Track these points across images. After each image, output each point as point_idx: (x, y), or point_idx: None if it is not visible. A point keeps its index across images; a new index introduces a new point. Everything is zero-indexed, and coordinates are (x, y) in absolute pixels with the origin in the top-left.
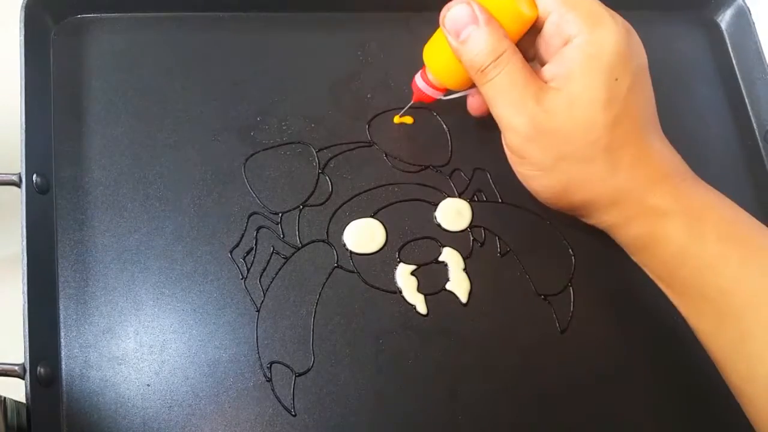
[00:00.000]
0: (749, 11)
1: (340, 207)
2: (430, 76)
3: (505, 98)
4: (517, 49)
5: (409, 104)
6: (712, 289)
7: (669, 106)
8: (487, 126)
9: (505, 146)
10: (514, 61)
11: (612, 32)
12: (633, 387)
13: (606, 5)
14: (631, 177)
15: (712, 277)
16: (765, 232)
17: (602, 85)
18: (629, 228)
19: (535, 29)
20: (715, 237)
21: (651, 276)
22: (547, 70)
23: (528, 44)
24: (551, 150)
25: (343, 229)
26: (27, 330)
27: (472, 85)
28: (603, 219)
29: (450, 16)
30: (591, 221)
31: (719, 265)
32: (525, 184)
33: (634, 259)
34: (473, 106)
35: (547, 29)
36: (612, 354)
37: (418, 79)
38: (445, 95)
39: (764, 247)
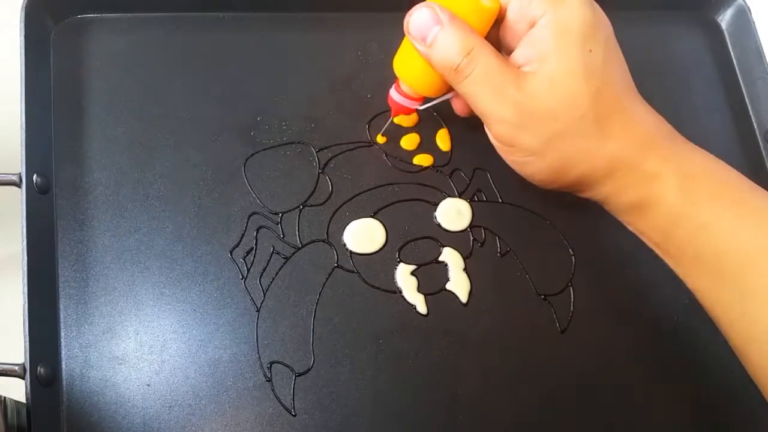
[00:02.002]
0: (749, 11)
1: (340, 207)
2: (405, 88)
3: (486, 91)
4: (486, 41)
5: (389, 120)
6: (708, 250)
7: (669, 106)
8: None
9: (492, 139)
10: (486, 53)
11: (576, 6)
12: (633, 387)
13: (606, 5)
14: (623, 145)
15: (707, 238)
16: (758, 192)
17: (578, 59)
18: (625, 195)
19: (498, 19)
20: (708, 197)
21: (647, 243)
22: (518, 56)
23: (493, 36)
24: (541, 132)
25: (343, 229)
26: (27, 330)
27: (449, 90)
28: (600, 191)
29: (413, 22)
30: (587, 195)
31: (713, 226)
32: (519, 171)
33: (630, 227)
34: (459, 107)
35: (511, 16)
36: (612, 354)
37: (393, 93)
38: (423, 104)
39: (758, 207)
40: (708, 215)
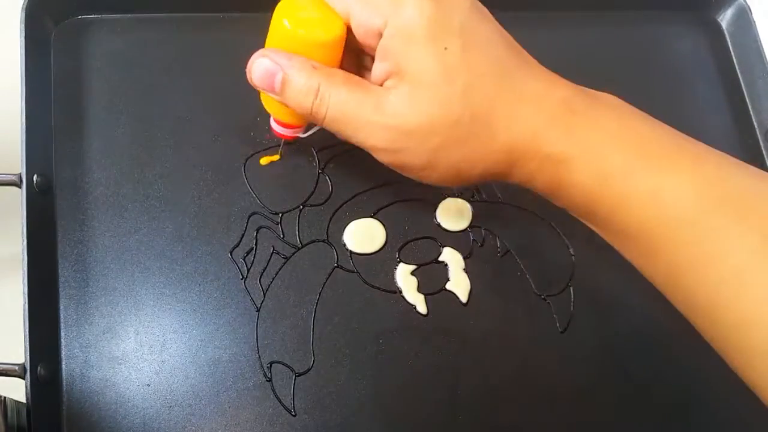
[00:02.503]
0: (750, 10)
1: (340, 207)
2: (275, 120)
3: (348, 127)
4: (335, 72)
5: (281, 144)
6: (631, 226)
7: (669, 105)
8: None
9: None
10: (336, 88)
11: (415, 5)
12: (633, 387)
13: (607, 5)
14: (514, 134)
15: (626, 215)
16: (679, 149)
17: (434, 63)
18: (536, 181)
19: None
20: (621, 174)
21: (574, 215)
22: (376, 72)
23: (359, 52)
24: (422, 149)
25: (344, 229)
26: (27, 330)
27: None
28: (512, 181)
29: (254, 74)
30: (507, 182)
31: (630, 204)
32: (421, 182)
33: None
34: None
35: (356, 32)
36: (612, 354)
37: (272, 123)
38: (305, 131)
39: (678, 169)
40: (622, 194)
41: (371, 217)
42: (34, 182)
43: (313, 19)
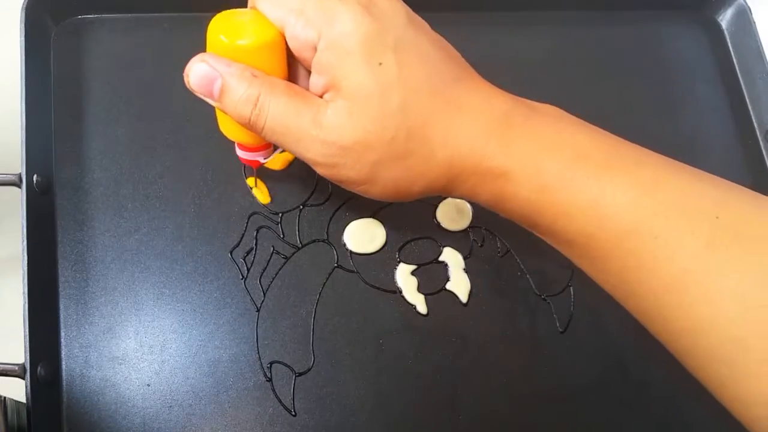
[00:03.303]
0: (750, 10)
1: (340, 207)
2: (237, 144)
3: (288, 138)
4: (276, 81)
5: (253, 172)
6: (574, 236)
7: (669, 105)
8: None
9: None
10: (275, 97)
11: (349, 19)
12: (633, 387)
13: (606, 5)
14: (452, 149)
15: (568, 225)
16: (618, 155)
17: (368, 79)
18: (479, 196)
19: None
20: (559, 184)
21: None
22: (314, 84)
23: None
24: (360, 165)
25: (344, 229)
26: (27, 330)
27: None
28: (455, 195)
29: (192, 77)
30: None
31: (570, 214)
32: (361, 195)
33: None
34: None
35: (291, 44)
36: (612, 354)
37: (236, 148)
38: (266, 156)
39: (616, 176)
40: (563, 203)
41: (371, 217)
42: (34, 182)
43: (246, 27)
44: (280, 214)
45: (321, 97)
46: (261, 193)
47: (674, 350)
